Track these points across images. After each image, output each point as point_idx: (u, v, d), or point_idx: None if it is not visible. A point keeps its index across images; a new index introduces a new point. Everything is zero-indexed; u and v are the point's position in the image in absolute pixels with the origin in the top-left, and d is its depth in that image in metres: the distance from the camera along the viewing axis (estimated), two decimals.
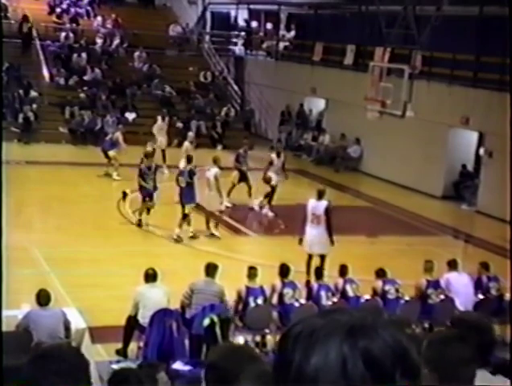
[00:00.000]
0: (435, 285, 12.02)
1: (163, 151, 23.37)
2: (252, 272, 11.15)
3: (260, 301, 11.00)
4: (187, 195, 16.45)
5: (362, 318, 1.41)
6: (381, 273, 11.91)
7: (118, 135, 22.78)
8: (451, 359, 3.09)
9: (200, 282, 11.00)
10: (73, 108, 28.29)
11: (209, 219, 17.01)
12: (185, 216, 16.39)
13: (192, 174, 16.62)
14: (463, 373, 3.12)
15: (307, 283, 12.38)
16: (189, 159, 17.05)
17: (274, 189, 19.36)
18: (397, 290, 11.78)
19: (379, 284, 11.79)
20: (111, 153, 22.42)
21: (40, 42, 31.31)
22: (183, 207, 16.38)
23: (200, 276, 12.74)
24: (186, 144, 20.52)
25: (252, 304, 10.93)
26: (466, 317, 4.30)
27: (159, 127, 24.02)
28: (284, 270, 11.39)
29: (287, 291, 11.23)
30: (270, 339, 11.15)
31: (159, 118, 24.32)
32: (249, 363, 2.15)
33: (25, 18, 31.38)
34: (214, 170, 16.84)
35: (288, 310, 11.07)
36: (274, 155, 19.76)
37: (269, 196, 19.43)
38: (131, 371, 3.75)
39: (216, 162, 17.11)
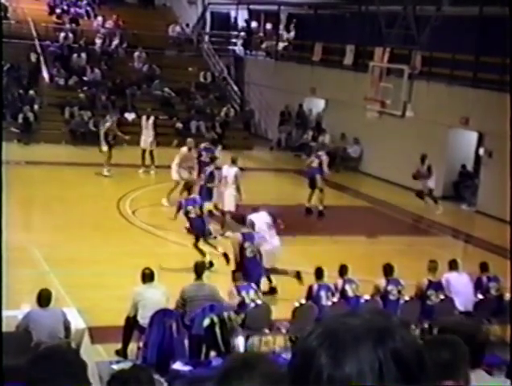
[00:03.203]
0: (437, 286, 11.94)
1: (144, 151, 22.91)
2: None
3: (258, 300, 11.02)
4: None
5: (382, 320, 1.41)
6: (388, 269, 11.84)
7: (109, 126, 22.56)
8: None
9: (190, 288, 10.75)
10: (73, 108, 28.26)
11: (224, 219, 17.10)
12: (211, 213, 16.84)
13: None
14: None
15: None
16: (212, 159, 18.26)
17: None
18: (399, 292, 11.74)
19: (382, 282, 11.75)
20: (104, 148, 22.27)
21: (40, 42, 31.28)
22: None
23: None
24: (183, 150, 19.29)
25: (247, 300, 10.92)
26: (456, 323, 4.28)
27: (144, 126, 23.25)
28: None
29: None
30: (270, 339, 11.16)
31: (144, 118, 23.72)
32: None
33: (32, 48, 30.78)
34: (234, 170, 17.06)
35: None
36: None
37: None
38: (130, 374, 3.75)
39: (234, 162, 17.26)
